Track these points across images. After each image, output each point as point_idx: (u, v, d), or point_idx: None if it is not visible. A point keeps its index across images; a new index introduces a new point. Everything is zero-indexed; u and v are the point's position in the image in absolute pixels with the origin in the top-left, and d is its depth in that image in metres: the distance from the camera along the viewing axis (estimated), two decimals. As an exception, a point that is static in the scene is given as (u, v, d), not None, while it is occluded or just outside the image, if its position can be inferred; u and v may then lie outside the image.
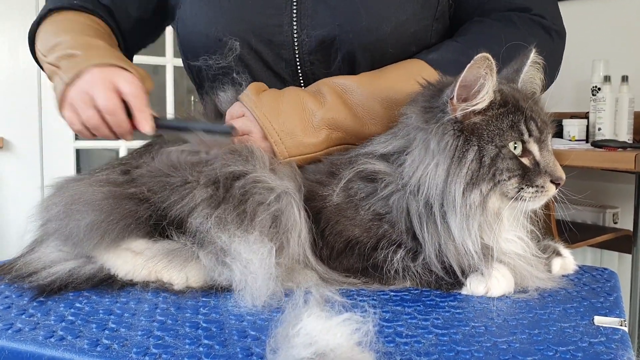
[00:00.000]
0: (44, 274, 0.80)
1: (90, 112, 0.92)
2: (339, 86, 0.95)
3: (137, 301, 0.76)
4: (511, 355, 0.60)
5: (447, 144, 0.77)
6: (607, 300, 0.79)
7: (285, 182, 0.85)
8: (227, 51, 1.00)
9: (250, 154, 0.87)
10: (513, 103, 0.79)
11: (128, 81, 0.92)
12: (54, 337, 0.64)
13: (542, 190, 0.79)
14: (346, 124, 0.94)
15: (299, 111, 0.93)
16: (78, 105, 0.92)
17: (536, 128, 0.79)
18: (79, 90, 0.92)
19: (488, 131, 0.78)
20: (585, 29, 2.74)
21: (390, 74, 0.98)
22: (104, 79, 0.91)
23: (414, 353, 0.60)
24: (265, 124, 0.91)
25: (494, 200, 0.79)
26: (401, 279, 0.82)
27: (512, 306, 0.76)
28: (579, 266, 0.93)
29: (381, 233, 0.82)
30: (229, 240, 0.76)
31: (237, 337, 0.64)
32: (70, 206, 0.81)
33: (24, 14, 2.71)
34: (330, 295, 0.64)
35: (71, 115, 0.94)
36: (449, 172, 0.77)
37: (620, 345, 0.63)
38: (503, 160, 0.77)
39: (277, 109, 0.93)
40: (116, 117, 0.92)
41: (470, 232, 0.77)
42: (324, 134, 0.93)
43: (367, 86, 0.95)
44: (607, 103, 2.51)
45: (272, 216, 0.81)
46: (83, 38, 0.99)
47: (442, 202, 0.77)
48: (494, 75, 0.76)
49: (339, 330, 0.54)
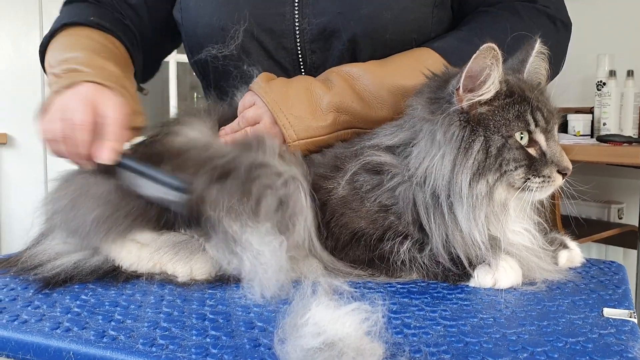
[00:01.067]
0: (49, 267, 0.80)
1: (58, 123, 0.83)
2: (347, 73, 0.96)
3: (143, 293, 0.75)
4: (520, 346, 0.60)
5: (453, 134, 0.77)
6: (615, 292, 0.79)
7: (293, 168, 0.85)
8: (230, 40, 1.00)
9: (260, 144, 0.87)
10: (519, 93, 0.79)
11: (113, 107, 0.84)
12: (60, 329, 0.63)
13: (549, 180, 0.78)
14: (353, 107, 0.94)
15: (308, 96, 0.94)
16: (52, 114, 0.85)
17: (542, 118, 0.79)
18: (61, 101, 0.85)
19: (494, 121, 0.77)
20: (591, 23, 2.73)
21: (398, 61, 0.98)
22: (89, 96, 0.84)
23: (422, 344, 0.60)
24: (275, 109, 0.92)
25: (500, 191, 0.78)
26: (408, 270, 0.82)
27: (520, 298, 0.75)
28: (587, 259, 0.93)
29: (387, 224, 0.82)
30: (240, 230, 0.76)
31: (244, 328, 0.64)
32: (76, 199, 0.81)
33: (27, 12, 2.72)
34: (338, 285, 0.64)
35: (44, 123, 0.86)
36: (456, 162, 0.76)
37: (630, 336, 0.63)
38: (509, 151, 0.77)
39: (286, 95, 0.94)
40: (77, 134, 0.81)
41: (477, 222, 0.77)
42: (331, 117, 0.93)
43: (374, 73, 0.96)
44: (612, 98, 2.50)
45: (279, 200, 0.81)
46: (97, 60, 0.93)
47: (449, 193, 0.77)
48: (499, 66, 0.75)
49: (348, 320, 0.53)
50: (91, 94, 0.84)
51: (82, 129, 0.81)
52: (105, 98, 0.85)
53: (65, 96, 0.85)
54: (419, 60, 0.96)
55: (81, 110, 0.82)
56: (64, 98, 0.85)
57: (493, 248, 0.78)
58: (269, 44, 1.03)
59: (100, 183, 0.83)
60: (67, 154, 0.84)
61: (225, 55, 1.03)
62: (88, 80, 0.87)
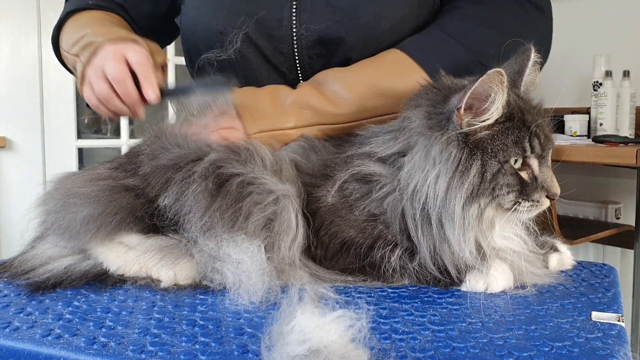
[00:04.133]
0: (41, 271, 0.81)
1: (102, 84, 0.95)
2: (313, 79, 1.01)
3: (135, 299, 0.76)
4: (507, 351, 0.60)
5: (450, 154, 0.76)
6: (605, 295, 0.79)
7: (287, 185, 0.85)
8: (228, 44, 1.01)
9: (250, 155, 0.87)
10: (519, 117, 0.78)
11: (135, 51, 0.95)
12: (51, 336, 0.64)
13: (537, 204, 0.79)
14: (315, 103, 0.97)
15: (272, 97, 0.98)
16: (92, 80, 0.97)
17: (539, 145, 0.78)
18: (93, 67, 0.97)
19: (492, 146, 0.77)
20: (587, 23, 2.73)
21: (361, 62, 1.01)
22: (114, 52, 0.95)
23: (409, 349, 0.60)
24: (242, 104, 0.96)
25: (489, 211, 0.79)
26: (399, 277, 0.82)
27: (509, 302, 0.75)
28: (578, 262, 0.93)
29: (377, 233, 0.82)
30: (216, 246, 0.77)
31: (233, 334, 0.64)
32: (67, 199, 0.82)
33: (26, 14, 2.73)
34: (324, 292, 0.64)
35: (87, 90, 0.99)
36: (450, 184, 0.76)
37: (616, 340, 0.63)
38: (504, 176, 0.77)
39: (253, 96, 0.99)
40: (124, 85, 0.94)
41: (467, 243, 0.77)
42: (294, 112, 0.97)
43: (336, 73, 1.00)
44: (608, 98, 2.50)
45: (266, 218, 0.81)
46: (102, 28, 1.04)
47: (441, 212, 0.77)
48: (504, 91, 0.75)
49: (333, 327, 0.54)
50: (114, 50, 0.95)
51: (124, 77, 0.94)
52: (127, 49, 0.95)
53: (95, 62, 0.96)
54: (379, 57, 1.00)
55: (115, 64, 0.94)
56: (94, 64, 0.96)
57: (482, 256, 0.78)
58: (267, 48, 1.04)
59: (91, 184, 0.84)
60: (119, 108, 0.97)
61: (223, 59, 1.03)
62: (106, 43, 0.97)
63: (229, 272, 0.74)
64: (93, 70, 0.97)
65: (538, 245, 0.87)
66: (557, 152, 0.82)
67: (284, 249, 0.80)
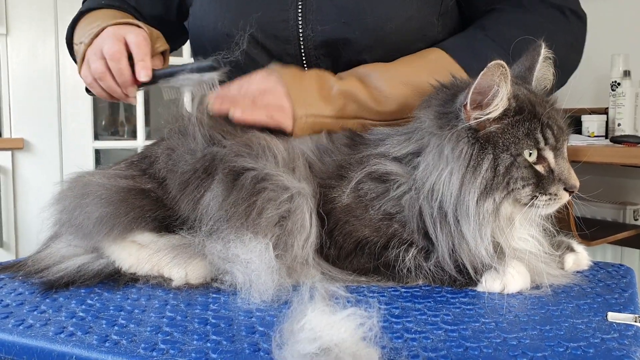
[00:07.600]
0: (54, 270, 0.81)
1: (98, 61, 0.97)
2: (356, 71, 1.01)
3: (148, 297, 0.76)
4: (520, 351, 0.59)
5: (461, 151, 0.76)
6: (622, 296, 0.78)
7: (303, 184, 0.84)
8: (234, 46, 1.01)
9: (262, 151, 0.87)
10: (529, 109, 0.78)
11: (135, 33, 0.97)
12: (64, 333, 0.64)
13: (555, 197, 0.78)
14: (361, 97, 0.97)
15: (320, 83, 0.98)
16: (90, 59, 0.99)
17: (552, 136, 0.78)
18: (94, 47, 0.99)
19: (503, 139, 0.76)
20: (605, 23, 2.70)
21: (403, 60, 1.01)
22: (114, 33, 0.98)
23: (421, 348, 0.60)
24: (289, 83, 0.96)
25: (506, 206, 0.78)
26: (414, 277, 0.81)
27: (524, 302, 0.75)
28: (595, 262, 0.92)
29: (391, 232, 0.81)
30: (224, 247, 0.77)
31: (245, 332, 0.64)
32: (81, 199, 0.83)
33: (43, 18, 2.75)
34: (335, 290, 0.64)
35: (85, 69, 1.01)
36: (464, 180, 0.76)
37: (633, 341, 0.62)
38: (518, 169, 0.76)
39: (300, 77, 0.99)
40: (118, 64, 0.96)
41: (483, 239, 0.76)
42: (340, 102, 0.97)
43: (381, 70, 0.99)
44: (626, 98, 2.47)
45: (280, 216, 0.81)
46: (111, 20, 1.05)
47: (456, 209, 0.76)
48: (508, 83, 0.74)
49: (343, 325, 0.54)
50: (115, 31, 0.98)
51: (120, 56, 0.96)
52: (127, 31, 0.98)
53: (95, 42, 0.99)
54: (421, 56, 1.00)
55: (112, 43, 0.96)
56: (94, 45, 0.99)
57: (499, 255, 0.78)
58: (274, 50, 1.04)
59: (105, 183, 0.84)
60: (113, 87, 0.99)
61: (230, 61, 1.03)
62: (108, 25, 1.00)
63: (238, 272, 0.74)
64: (93, 50, 0.99)
65: (554, 246, 0.86)
66: (575, 153, 0.81)
67: (297, 247, 0.80)
